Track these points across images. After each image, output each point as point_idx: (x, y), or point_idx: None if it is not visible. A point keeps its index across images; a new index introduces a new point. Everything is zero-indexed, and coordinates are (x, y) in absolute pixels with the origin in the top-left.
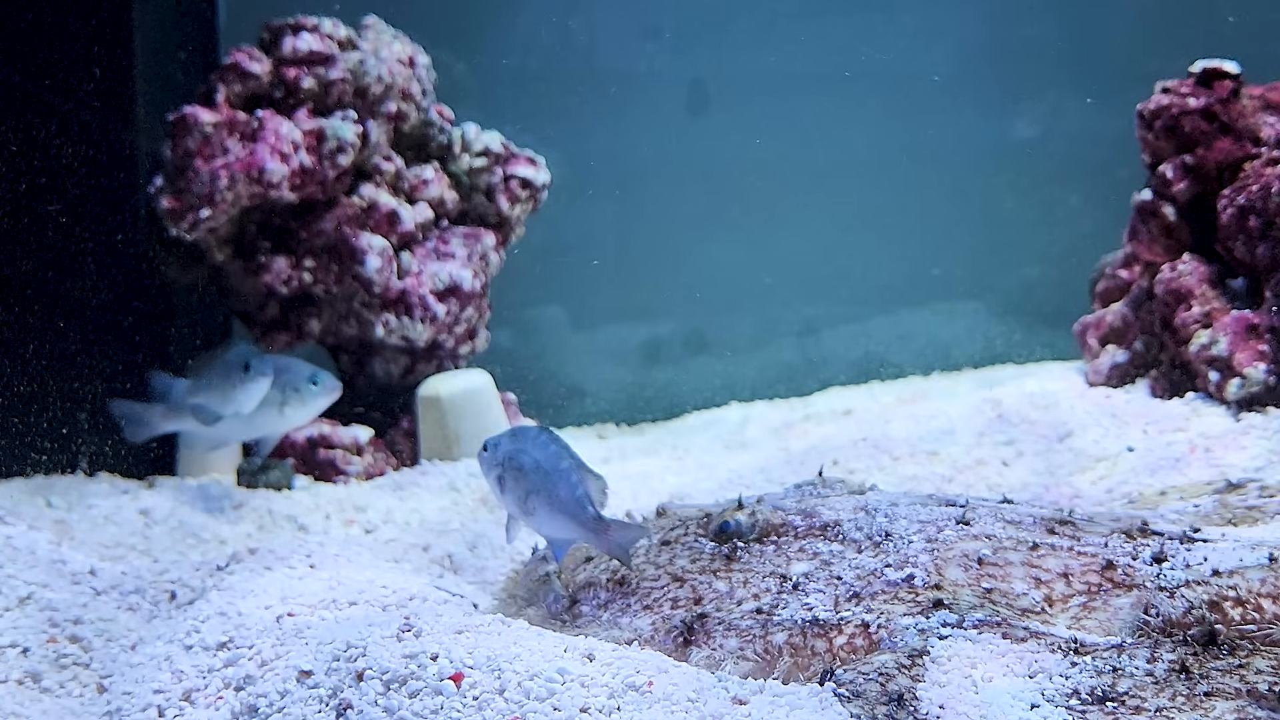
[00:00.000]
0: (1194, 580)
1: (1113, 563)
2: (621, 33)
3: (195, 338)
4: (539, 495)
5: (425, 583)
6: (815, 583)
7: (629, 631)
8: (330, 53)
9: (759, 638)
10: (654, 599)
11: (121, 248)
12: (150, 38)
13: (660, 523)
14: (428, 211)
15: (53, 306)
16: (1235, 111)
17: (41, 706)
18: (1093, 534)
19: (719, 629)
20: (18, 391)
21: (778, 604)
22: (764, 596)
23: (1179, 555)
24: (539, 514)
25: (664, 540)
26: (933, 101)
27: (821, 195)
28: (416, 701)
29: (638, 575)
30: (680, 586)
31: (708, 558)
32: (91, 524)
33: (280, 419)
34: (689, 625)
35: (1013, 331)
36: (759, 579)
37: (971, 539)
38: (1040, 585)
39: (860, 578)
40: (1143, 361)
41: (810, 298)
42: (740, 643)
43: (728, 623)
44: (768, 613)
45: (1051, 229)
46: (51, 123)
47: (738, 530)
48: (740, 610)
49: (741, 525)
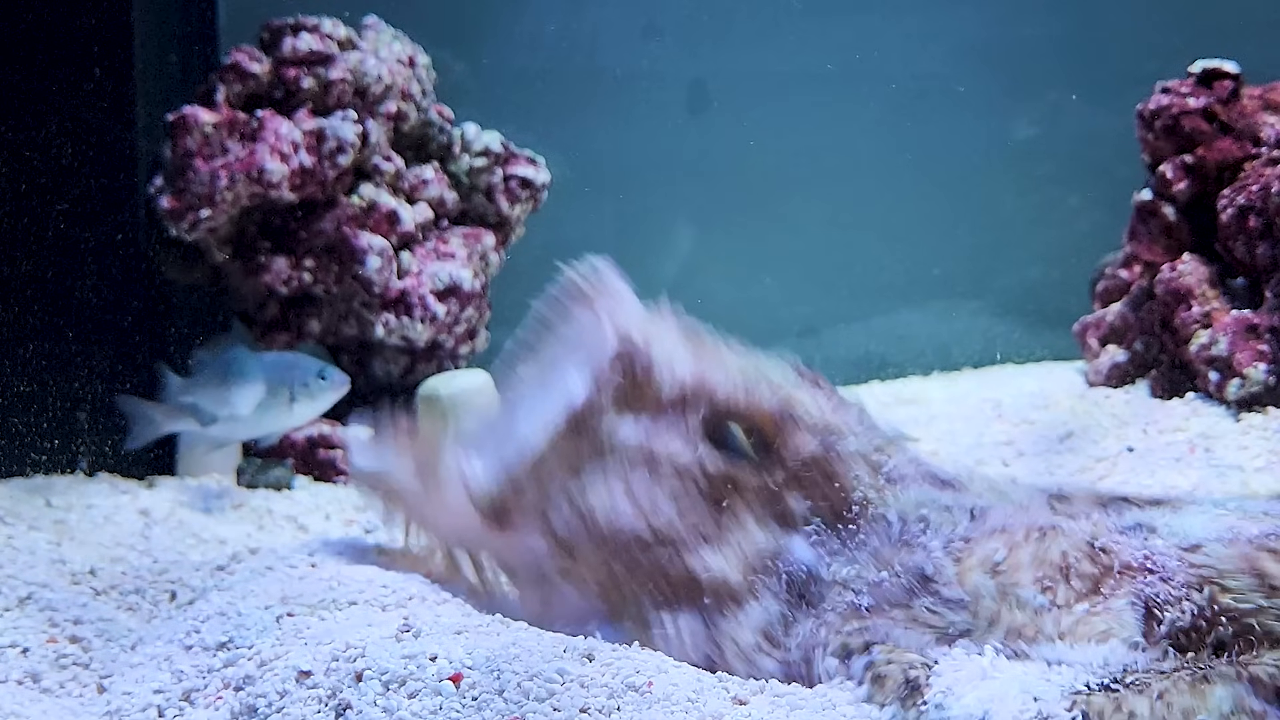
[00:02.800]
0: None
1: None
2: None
3: (195, 337)
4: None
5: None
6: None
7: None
8: (330, 53)
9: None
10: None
11: (121, 248)
12: (150, 37)
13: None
14: (427, 211)
15: (52, 306)
16: (1235, 111)
17: (41, 706)
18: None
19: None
20: (17, 391)
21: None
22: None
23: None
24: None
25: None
26: (933, 101)
27: (821, 195)
28: (416, 702)
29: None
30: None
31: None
32: (91, 524)
33: (290, 415)
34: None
35: (1013, 331)
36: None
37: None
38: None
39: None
40: (1142, 361)
41: (810, 298)
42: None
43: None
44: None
45: (1052, 229)
46: (51, 122)
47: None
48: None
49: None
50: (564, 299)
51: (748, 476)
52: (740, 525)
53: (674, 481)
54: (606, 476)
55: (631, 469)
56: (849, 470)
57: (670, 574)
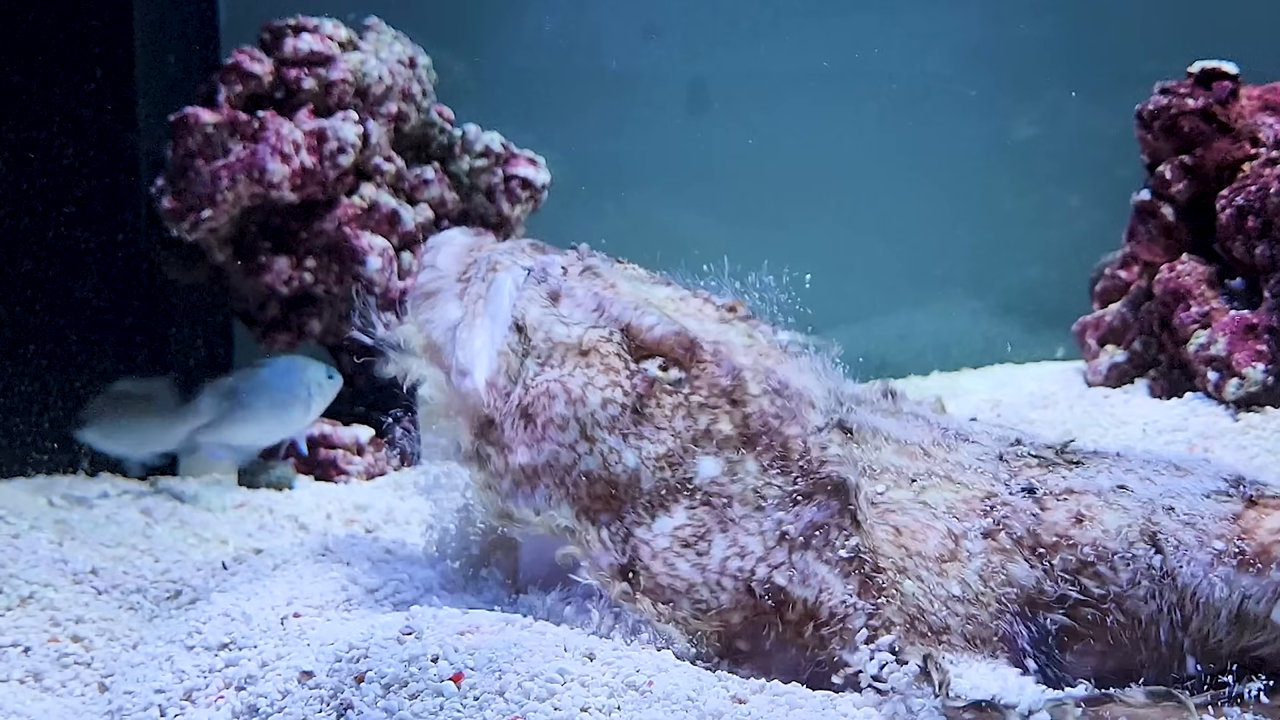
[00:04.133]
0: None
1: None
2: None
3: (196, 338)
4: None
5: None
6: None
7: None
8: (331, 53)
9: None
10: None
11: (122, 248)
12: (151, 38)
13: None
14: (428, 212)
15: (53, 306)
16: (1234, 112)
17: (43, 705)
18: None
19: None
20: (19, 391)
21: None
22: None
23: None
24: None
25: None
26: (933, 101)
27: (821, 195)
28: (417, 702)
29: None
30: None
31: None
32: (93, 523)
33: (305, 416)
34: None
35: (1012, 331)
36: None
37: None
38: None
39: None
40: (1141, 361)
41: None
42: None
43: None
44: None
45: (1051, 229)
46: (52, 123)
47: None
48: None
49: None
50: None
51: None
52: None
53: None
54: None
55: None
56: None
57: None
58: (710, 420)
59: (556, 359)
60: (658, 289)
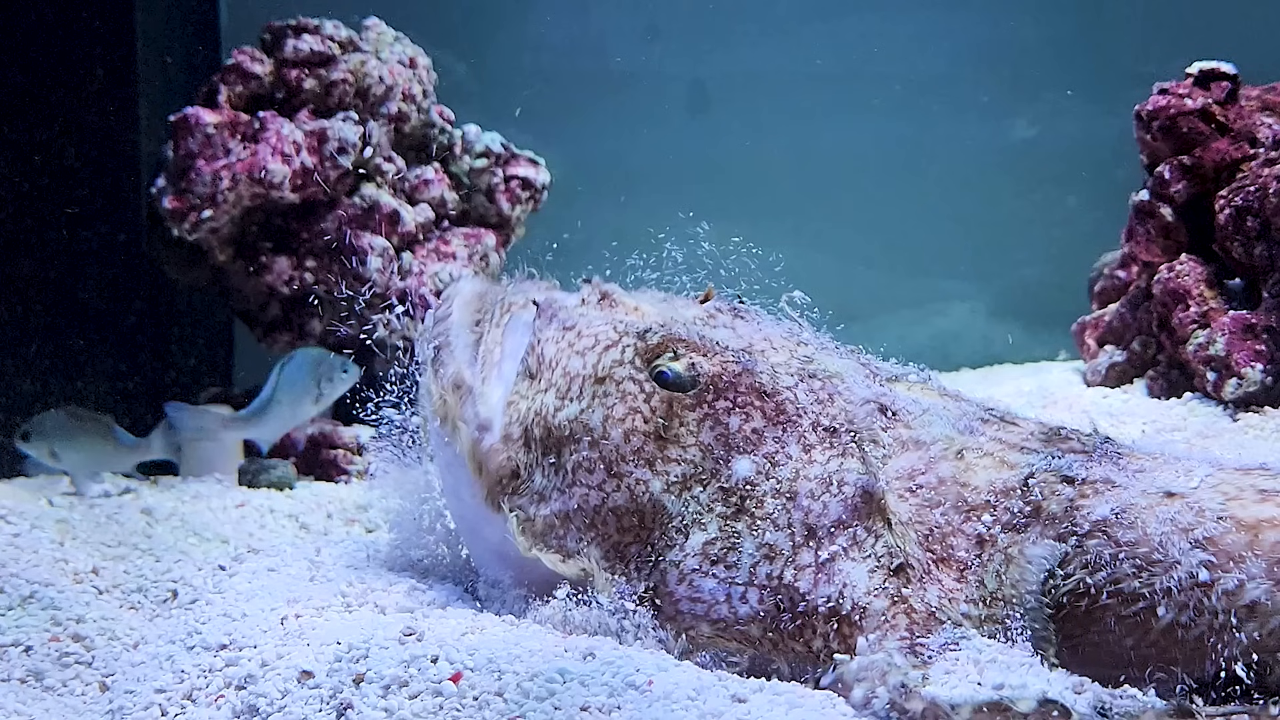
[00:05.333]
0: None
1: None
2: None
3: (197, 338)
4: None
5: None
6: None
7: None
8: (331, 54)
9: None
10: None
11: (124, 248)
12: (152, 39)
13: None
14: (429, 212)
15: (55, 306)
16: (1233, 113)
17: (44, 705)
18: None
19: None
20: (21, 391)
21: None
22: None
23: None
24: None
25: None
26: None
27: (820, 195)
28: (417, 702)
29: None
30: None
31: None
32: (94, 523)
33: (317, 407)
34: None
35: (1012, 331)
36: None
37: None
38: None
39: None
40: (1140, 361)
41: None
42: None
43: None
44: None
45: (1051, 229)
46: (54, 123)
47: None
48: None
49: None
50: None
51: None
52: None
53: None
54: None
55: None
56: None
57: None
58: (743, 419)
59: (574, 393)
60: (689, 309)
